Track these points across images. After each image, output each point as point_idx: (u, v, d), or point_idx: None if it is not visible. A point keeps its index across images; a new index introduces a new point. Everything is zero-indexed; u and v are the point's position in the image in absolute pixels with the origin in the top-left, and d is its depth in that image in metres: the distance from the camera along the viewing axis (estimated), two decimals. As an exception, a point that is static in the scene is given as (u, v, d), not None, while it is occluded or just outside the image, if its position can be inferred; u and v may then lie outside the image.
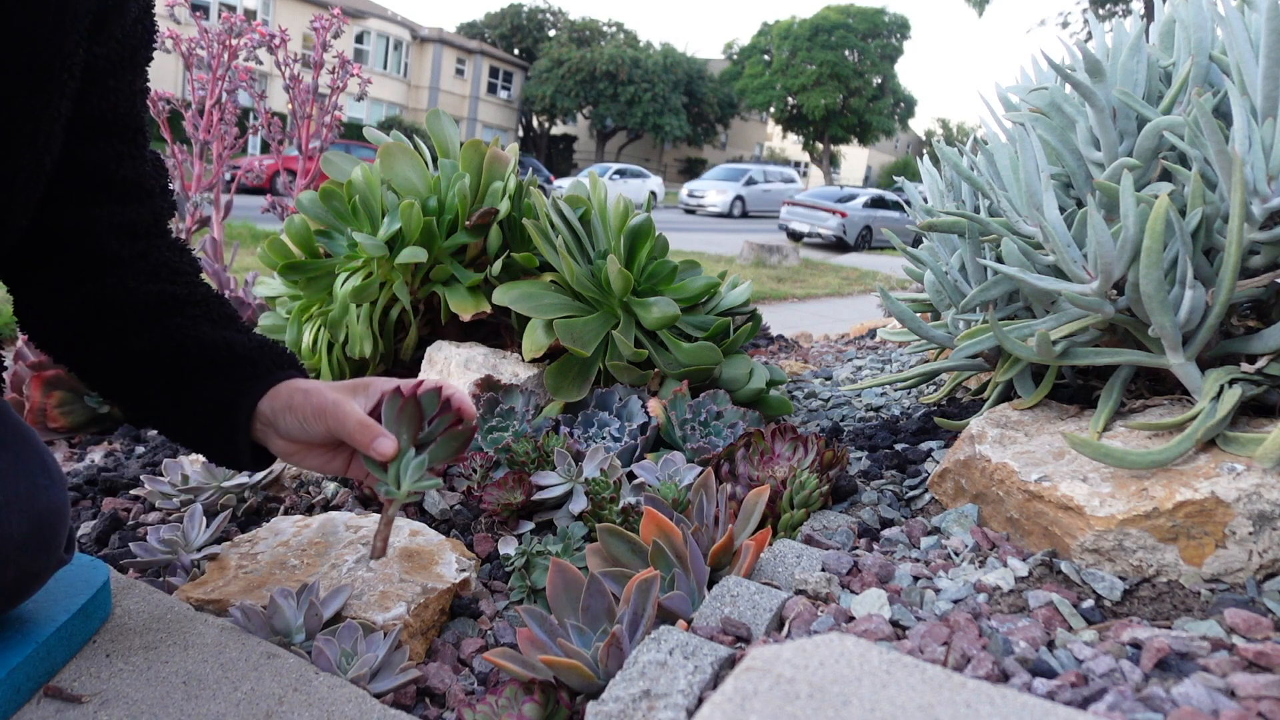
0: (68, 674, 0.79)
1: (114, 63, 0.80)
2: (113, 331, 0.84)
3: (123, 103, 0.82)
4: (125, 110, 0.83)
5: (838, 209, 16.39)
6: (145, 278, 0.86)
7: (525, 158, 25.17)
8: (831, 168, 39.87)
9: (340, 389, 0.84)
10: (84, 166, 0.81)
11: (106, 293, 0.84)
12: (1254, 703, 0.61)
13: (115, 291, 0.84)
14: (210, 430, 0.84)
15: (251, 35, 2.74)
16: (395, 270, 1.63)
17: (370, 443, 0.80)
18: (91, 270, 0.84)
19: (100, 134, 0.81)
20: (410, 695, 0.85)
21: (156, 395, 0.85)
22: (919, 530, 1.05)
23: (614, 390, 1.47)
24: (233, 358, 0.84)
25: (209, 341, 0.84)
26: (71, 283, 0.84)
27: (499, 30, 39.38)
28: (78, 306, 0.84)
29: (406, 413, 0.83)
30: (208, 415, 0.84)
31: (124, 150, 0.84)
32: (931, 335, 1.41)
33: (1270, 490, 0.83)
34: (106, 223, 0.83)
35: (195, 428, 0.85)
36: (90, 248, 0.83)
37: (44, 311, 0.85)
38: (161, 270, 0.88)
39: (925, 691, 0.57)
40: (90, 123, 0.80)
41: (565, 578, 0.88)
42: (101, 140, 0.82)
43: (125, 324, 0.84)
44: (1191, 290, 0.95)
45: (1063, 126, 1.25)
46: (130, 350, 0.84)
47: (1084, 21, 17.11)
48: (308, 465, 0.88)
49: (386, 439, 0.80)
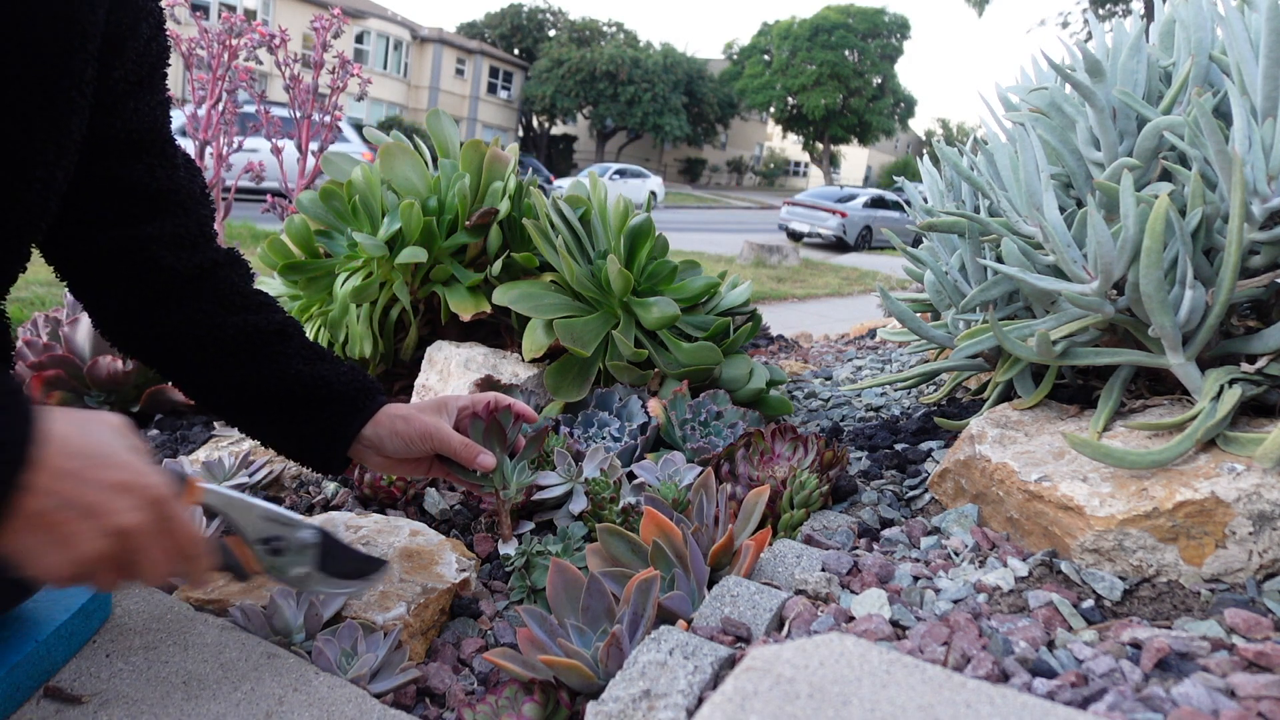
0: (68, 674, 0.80)
1: (132, 84, 0.82)
2: (208, 363, 0.92)
3: (145, 120, 0.84)
4: (149, 126, 0.85)
5: (838, 209, 16.40)
6: (220, 305, 0.92)
7: (525, 158, 25.16)
8: (831, 168, 39.89)
9: (429, 410, 0.97)
10: (120, 187, 0.85)
11: (185, 319, 0.91)
12: (1254, 703, 0.61)
13: (194, 320, 0.91)
14: (313, 453, 0.96)
15: (251, 35, 2.74)
16: (395, 270, 1.63)
17: (474, 459, 0.97)
18: (158, 289, 0.90)
19: (129, 154, 0.84)
20: (410, 695, 0.85)
21: (262, 423, 0.96)
22: (919, 530, 1.05)
23: (614, 390, 1.47)
24: (331, 395, 0.93)
25: (306, 380, 0.93)
26: (145, 305, 0.91)
27: (499, 30, 39.38)
28: (161, 333, 0.91)
29: (493, 431, 1.01)
30: (312, 443, 0.95)
31: (155, 164, 0.86)
32: (931, 335, 1.41)
33: (1270, 490, 0.83)
34: (154, 238, 0.88)
35: (298, 450, 0.96)
36: (146, 263, 0.88)
37: (131, 338, 0.94)
38: (234, 298, 0.94)
39: (925, 691, 0.57)
40: (118, 144, 0.83)
41: (565, 578, 0.88)
42: (131, 159, 0.84)
43: (219, 358, 0.92)
44: (1191, 290, 0.95)
45: (1063, 126, 1.25)
46: (230, 383, 0.93)
47: (1084, 21, 17.11)
48: (397, 473, 1.01)
49: (487, 455, 0.98)
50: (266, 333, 0.94)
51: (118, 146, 0.83)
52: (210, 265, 0.94)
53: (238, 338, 0.92)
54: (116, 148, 0.83)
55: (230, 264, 0.96)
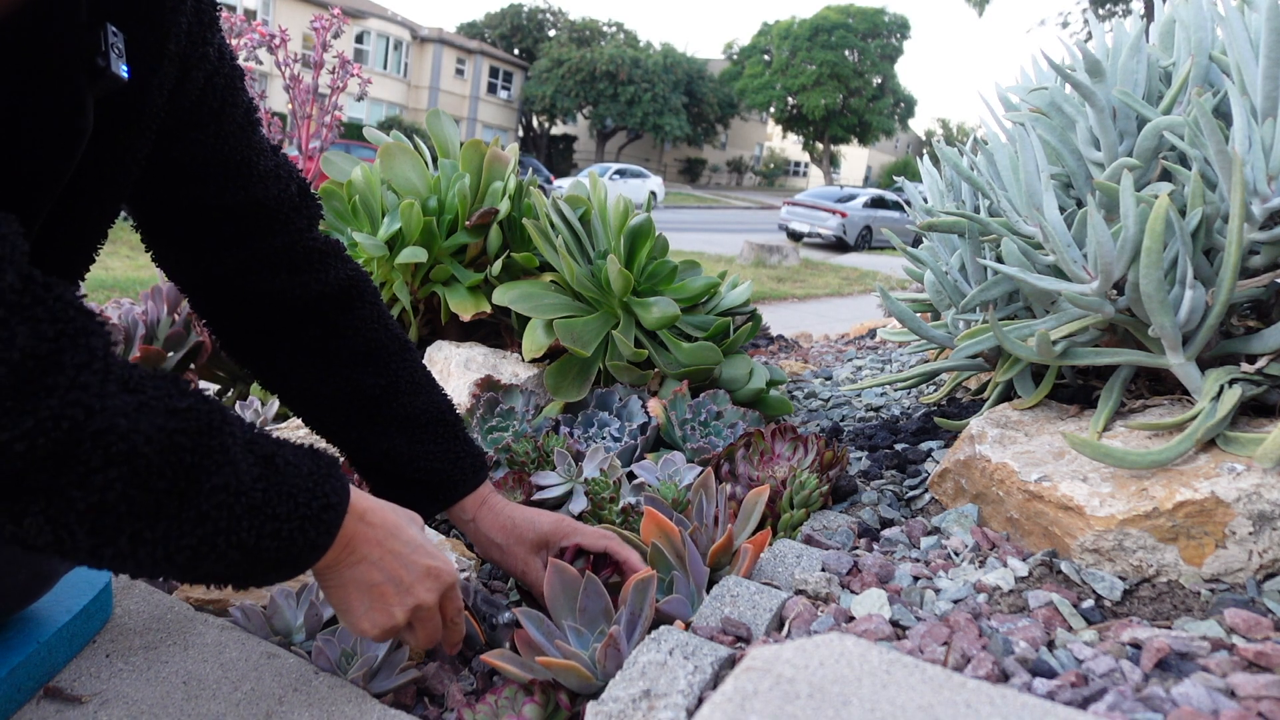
0: (68, 674, 0.80)
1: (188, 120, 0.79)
2: (308, 410, 0.94)
3: (208, 149, 0.81)
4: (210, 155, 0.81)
5: (838, 209, 16.40)
6: (323, 355, 0.91)
7: (525, 158, 25.16)
8: (831, 168, 39.89)
9: (527, 545, 0.97)
10: (193, 218, 0.83)
11: (290, 367, 0.92)
12: (1254, 703, 0.61)
13: (295, 369, 0.92)
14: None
15: (251, 35, 2.74)
16: (395, 270, 1.63)
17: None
18: (260, 320, 0.90)
19: (191, 182, 0.81)
20: (410, 695, 0.85)
21: (355, 467, 0.97)
22: (919, 530, 1.05)
23: (614, 390, 1.47)
24: (415, 478, 0.94)
25: (396, 455, 0.93)
26: (252, 336, 0.92)
27: (499, 30, 39.37)
28: (268, 369, 0.93)
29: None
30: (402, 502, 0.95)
31: (226, 187, 0.83)
32: (931, 335, 1.41)
33: (1270, 490, 0.83)
34: (241, 264, 0.87)
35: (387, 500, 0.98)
36: (240, 293, 0.88)
37: (251, 367, 0.95)
38: (340, 349, 0.92)
39: (925, 691, 0.57)
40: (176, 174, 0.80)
41: (562, 579, 0.87)
42: (194, 185, 0.82)
43: (317, 410, 0.93)
44: (1191, 290, 0.95)
45: (1063, 126, 1.25)
46: (328, 431, 0.95)
47: (1084, 21, 17.11)
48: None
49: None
50: (367, 397, 0.92)
51: (174, 176, 0.80)
52: (315, 298, 0.90)
53: (336, 397, 0.91)
54: (173, 177, 0.80)
55: (343, 296, 0.92)
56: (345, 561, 0.71)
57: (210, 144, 0.81)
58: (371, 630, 0.74)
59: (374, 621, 0.74)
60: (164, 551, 0.55)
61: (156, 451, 0.53)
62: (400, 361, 0.94)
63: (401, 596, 0.74)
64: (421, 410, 0.94)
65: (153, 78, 0.70)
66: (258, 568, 0.62)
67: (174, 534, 0.55)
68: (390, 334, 0.95)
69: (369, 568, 0.72)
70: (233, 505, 0.58)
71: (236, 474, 0.58)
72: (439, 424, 0.95)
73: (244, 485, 0.59)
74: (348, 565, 0.71)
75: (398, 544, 0.74)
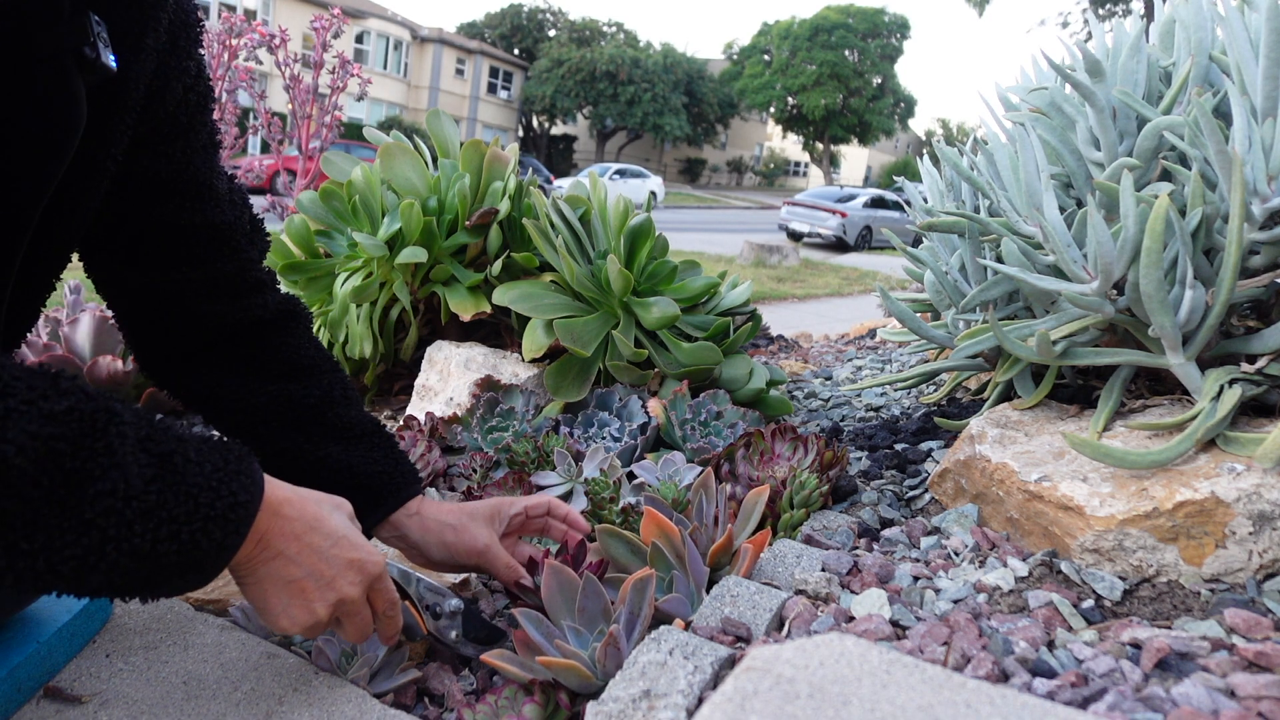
0: (68, 674, 0.80)
1: (164, 135, 0.79)
2: (241, 425, 0.92)
3: (178, 165, 0.81)
4: (177, 172, 0.82)
5: (838, 209, 16.40)
6: (257, 371, 0.92)
7: (525, 158, 25.15)
8: (831, 168, 39.88)
9: (481, 519, 0.96)
10: (144, 230, 0.82)
11: (219, 380, 0.91)
12: (1254, 703, 0.61)
13: (226, 382, 0.91)
14: None
15: (251, 35, 2.75)
16: (395, 270, 1.63)
17: (514, 582, 0.95)
18: (193, 339, 0.90)
19: (157, 198, 0.81)
20: (410, 695, 0.85)
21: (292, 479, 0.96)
22: (919, 530, 1.05)
23: (614, 390, 1.47)
24: (355, 484, 0.92)
25: (333, 464, 0.92)
26: (181, 354, 0.92)
27: (499, 30, 39.37)
28: (193, 386, 0.93)
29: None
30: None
31: (187, 206, 0.83)
32: (931, 335, 1.41)
33: (1270, 490, 0.83)
34: (188, 283, 0.87)
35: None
36: (180, 311, 0.89)
37: (169, 384, 0.95)
38: (273, 364, 0.93)
39: (925, 691, 0.57)
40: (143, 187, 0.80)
41: (560, 579, 0.87)
42: (160, 202, 0.81)
43: (251, 423, 0.92)
44: (1191, 290, 0.95)
45: (1063, 126, 1.25)
46: (260, 445, 0.92)
47: (1084, 21, 17.12)
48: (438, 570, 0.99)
49: (527, 580, 0.96)
50: (301, 407, 0.92)
51: (142, 189, 0.80)
52: (252, 322, 0.92)
53: (270, 407, 0.91)
54: (140, 190, 0.80)
55: (279, 320, 0.94)
56: (259, 558, 0.67)
57: (179, 159, 0.81)
58: (292, 627, 0.70)
59: (294, 618, 0.70)
60: (46, 563, 0.52)
61: (30, 461, 0.49)
62: (333, 376, 0.96)
63: (323, 591, 0.71)
64: (355, 421, 0.95)
65: (130, 71, 0.69)
66: (161, 575, 0.58)
67: (55, 544, 0.52)
68: (322, 353, 0.97)
69: (286, 563, 0.68)
70: (122, 511, 0.54)
71: (125, 477, 0.54)
72: (374, 434, 0.96)
73: (135, 489, 0.55)
74: (262, 561, 0.67)
75: (317, 537, 0.70)
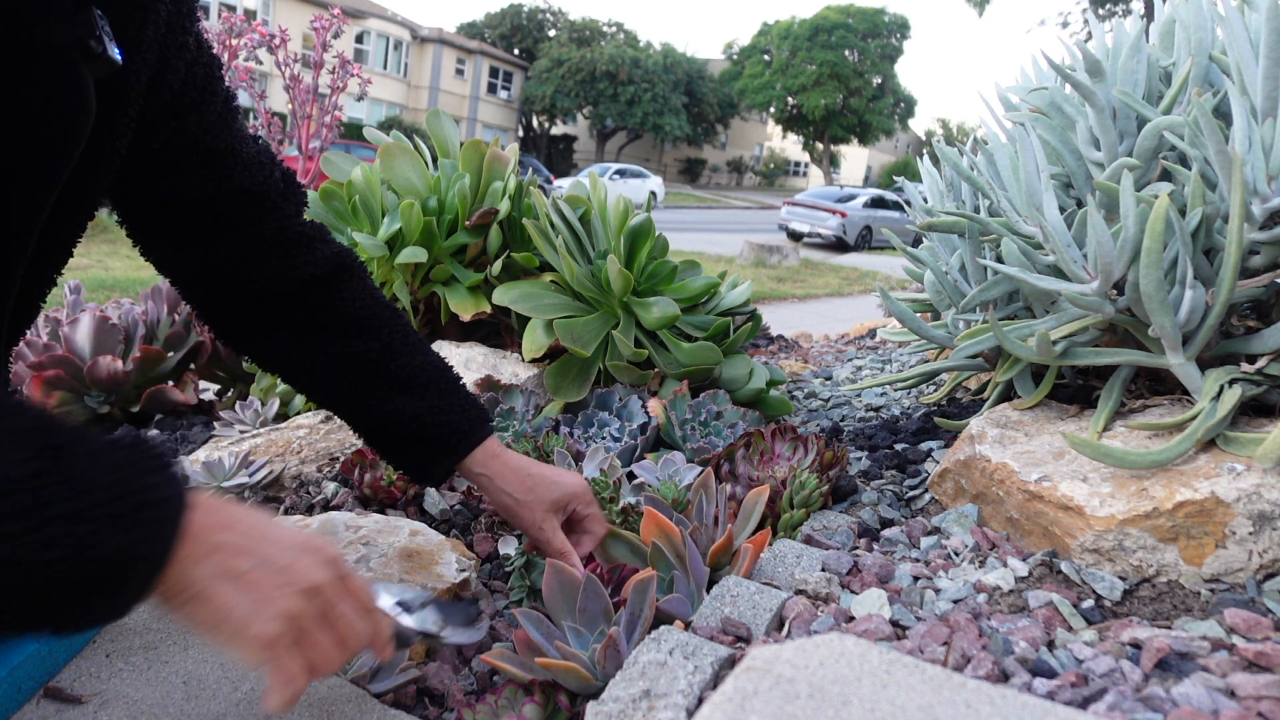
0: (68, 674, 0.80)
1: (171, 110, 0.80)
2: (315, 385, 0.95)
3: (194, 138, 0.82)
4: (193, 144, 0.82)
5: (838, 209, 16.40)
6: (320, 330, 0.93)
7: (525, 158, 25.14)
8: (831, 168, 39.88)
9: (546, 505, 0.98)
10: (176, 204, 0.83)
11: (289, 344, 0.93)
12: (1254, 703, 0.61)
13: (295, 346, 0.93)
14: (411, 473, 1.00)
15: (251, 35, 2.75)
16: (395, 270, 1.63)
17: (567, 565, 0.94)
18: (254, 306, 0.92)
19: (172, 172, 0.82)
20: (410, 695, 0.85)
21: (365, 437, 0.99)
22: (919, 530, 1.05)
23: (614, 390, 1.47)
24: (424, 434, 0.94)
25: (403, 416, 0.94)
26: (248, 321, 0.93)
27: (499, 30, 39.36)
28: (266, 350, 0.95)
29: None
30: (408, 467, 0.99)
31: (207, 175, 0.84)
32: (931, 335, 1.41)
33: (1270, 490, 0.83)
34: (232, 251, 0.88)
35: (399, 465, 1.00)
36: (232, 280, 0.90)
37: (247, 351, 0.97)
38: (335, 321, 0.94)
39: (925, 691, 0.57)
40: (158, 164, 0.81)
41: (561, 579, 0.87)
42: (176, 177, 0.82)
43: (323, 383, 0.94)
44: (1191, 290, 0.95)
45: (1063, 126, 1.25)
46: (332, 402, 0.96)
47: (1084, 21, 17.11)
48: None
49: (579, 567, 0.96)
50: (363, 361, 0.93)
51: (167, 168, 0.81)
52: (305, 281, 0.92)
53: (333, 366, 0.92)
54: (166, 169, 0.81)
55: (332, 276, 0.94)
56: (194, 555, 0.55)
57: (194, 133, 0.82)
58: (271, 626, 0.57)
59: (264, 617, 0.57)
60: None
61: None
62: (394, 326, 0.96)
63: (281, 580, 0.58)
64: (420, 369, 0.96)
65: (132, 62, 0.70)
66: (52, 592, 0.48)
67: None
68: (380, 302, 0.97)
69: (227, 555, 0.56)
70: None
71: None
72: (440, 380, 0.97)
73: (6, 486, 0.46)
74: (195, 561, 0.55)
75: (254, 521, 0.60)
